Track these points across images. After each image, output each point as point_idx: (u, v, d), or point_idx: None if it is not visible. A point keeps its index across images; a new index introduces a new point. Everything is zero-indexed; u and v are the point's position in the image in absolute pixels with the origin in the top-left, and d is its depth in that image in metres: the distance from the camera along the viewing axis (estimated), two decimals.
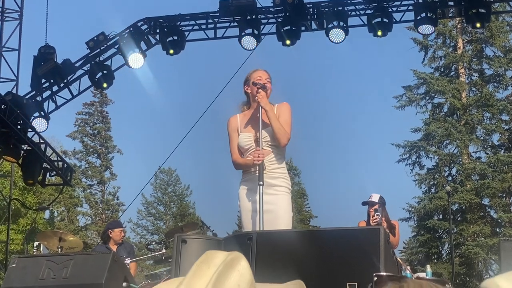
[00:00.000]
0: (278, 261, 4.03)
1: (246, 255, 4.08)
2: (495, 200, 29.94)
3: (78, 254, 5.76)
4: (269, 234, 4.52)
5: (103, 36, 12.86)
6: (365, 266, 3.88)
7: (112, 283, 4.89)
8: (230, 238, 4.82)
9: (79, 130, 44.63)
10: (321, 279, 3.91)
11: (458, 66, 32.79)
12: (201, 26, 13.11)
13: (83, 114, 44.68)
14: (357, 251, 3.98)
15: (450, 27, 32.66)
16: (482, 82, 32.31)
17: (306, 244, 4.11)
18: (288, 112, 5.89)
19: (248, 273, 1.56)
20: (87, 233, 42.16)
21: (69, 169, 14.64)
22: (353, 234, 4.21)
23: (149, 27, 13.06)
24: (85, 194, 44.10)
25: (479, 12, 12.16)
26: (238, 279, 1.53)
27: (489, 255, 28.48)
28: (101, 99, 44.45)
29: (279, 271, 3.87)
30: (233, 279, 1.53)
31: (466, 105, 31.69)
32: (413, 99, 32.67)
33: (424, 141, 32.06)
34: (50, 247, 10.64)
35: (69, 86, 13.18)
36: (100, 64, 13.01)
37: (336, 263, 4.00)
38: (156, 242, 10.91)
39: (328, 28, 12.31)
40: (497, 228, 30.58)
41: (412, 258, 32.00)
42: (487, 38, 32.16)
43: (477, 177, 30.96)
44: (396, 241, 8.58)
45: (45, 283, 4.98)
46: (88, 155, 44.81)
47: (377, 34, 12.32)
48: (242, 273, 1.55)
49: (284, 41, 12.44)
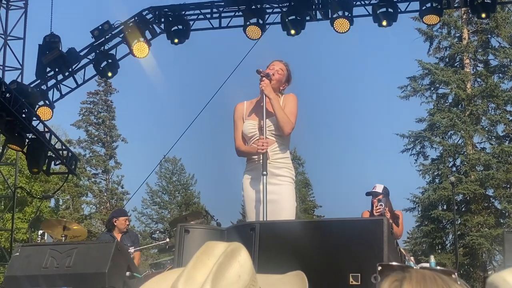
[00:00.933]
0: (281, 252, 4.03)
1: (249, 245, 4.10)
2: (499, 191, 29.91)
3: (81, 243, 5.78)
4: (272, 224, 4.52)
5: (108, 25, 12.85)
6: (368, 257, 3.88)
7: (116, 272, 4.90)
8: (233, 228, 4.82)
9: (83, 119, 44.68)
10: (324, 270, 3.92)
11: (463, 57, 32.68)
12: (206, 16, 13.09)
13: (87, 103, 44.76)
14: (360, 242, 3.98)
15: (456, 17, 32.54)
16: (487, 72, 32.21)
17: (309, 235, 4.11)
18: (294, 103, 5.88)
19: (249, 263, 1.57)
20: (91, 222, 42.27)
21: (74, 158, 14.66)
22: (356, 225, 4.21)
23: (154, 16, 13.05)
24: (89, 183, 44.18)
25: (485, 2, 12.12)
26: (239, 269, 1.54)
27: (493, 245, 28.48)
28: (105, 88, 44.47)
29: (282, 261, 3.88)
30: (233, 269, 1.53)
31: (471, 95, 31.62)
32: (417, 89, 32.61)
33: (428, 131, 32.01)
34: (55, 236, 10.67)
35: (73, 75, 13.19)
36: (105, 53, 13.01)
37: (339, 254, 4.00)
38: (160, 231, 10.90)
39: (333, 18, 12.29)
40: (501, 219, 30.58)
41: (416, 248, 32.02)
42: (493, 29, 32.03)
43: (482, 167, 30.93)
44: (399, 232, 8.58)
45: (48, 271, 4.99)
46: (93, 144, 44.90)
47: (382, 24, 12.30)
48: (243, 263, 1.55)
49: (289, 30, 12.42)
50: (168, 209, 48.08)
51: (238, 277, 1.51)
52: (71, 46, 13.01)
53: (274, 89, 5.83)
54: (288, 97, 5.93)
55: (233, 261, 1.53)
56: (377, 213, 8.20)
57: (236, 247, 1.57)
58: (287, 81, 6.07)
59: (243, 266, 1.54)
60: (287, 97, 5.93)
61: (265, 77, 5.77)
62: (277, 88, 5.93)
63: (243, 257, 1.55)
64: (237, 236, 4.24)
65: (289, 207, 5.65)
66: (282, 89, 6.03)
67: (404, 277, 1.43)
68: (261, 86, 5.73)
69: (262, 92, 5.73)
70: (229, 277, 1.50)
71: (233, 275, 1.51)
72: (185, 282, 1.50)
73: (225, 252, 1.54)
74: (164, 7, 13.06)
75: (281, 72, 5.97)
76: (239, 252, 1.56)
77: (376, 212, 8.24)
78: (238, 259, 1.54)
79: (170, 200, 48.61)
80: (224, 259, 1.52)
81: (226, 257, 1.53)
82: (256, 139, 5.75)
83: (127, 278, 5.09)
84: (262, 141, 5.61)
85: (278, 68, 5.98)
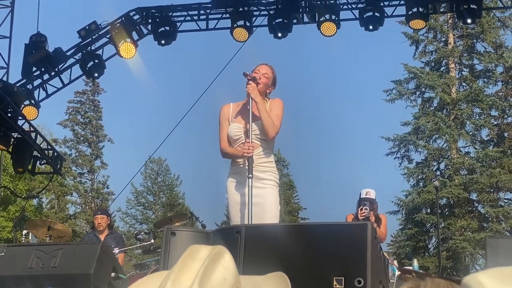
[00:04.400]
0: (266, 255, 4.06)
1: (234, 248, 4.13)
2: (483, 195, 30.11)
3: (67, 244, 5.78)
4: (257, 227, 4.55)
5: (94, 25, 12.83)
6: (352, 261, 3.92)
7: (101, 273, 4.91)
8: (219, 231, 4.86)
9: (70, 118, 44.56)
10: (308, 273, 3.95)
11: (449, 61, 32.90)
12: (193, 17, 13.10)
13: (74, 102, 44.65)
14: (344, 246, 4.01)
15: (441, 22, 32.75)
16: (472, 77, 32.44)
17: (294, 238, 4.14)
18: (280, 107, 5.88)
19: (233, 266, 1.61)
20: (76, 222, 42.12)
21: (59, 158, 14.63)
22: (341, 229, 4.25)
23: (141, 17, 13.05)
24: (75, 182, 44.05)
25: (470, 8, 12.21)
26: (223, 272, 1.58)
27: (476, 249, 28.68)
28: (93, 88, 44.38)
29: (267, 264, 3.91)
30: (219, 272, 1.57)
31: (455, 100, 31.81)
32: (403, 93, 32.78)
33: (413, 135, 32.19)
34: (39, 236, 10.66)
35: (60, 75, 13.15)
36: (92, 53, 12.99)
37: (324, 258, 4.03)
38: (145, 232, 10.92)
39: (320, 21, 12.33)
40: (485, 223, 30.78)
41: (399, 251, 32.18)
42: (478, 34, 32.27)
43: (466, 172, 31.14)
44: (383, 235, 8.65)
45: (34, 272, 5.00)
46: (79, 144, 44.79)
47: (368, 28, 12.36)
48: (227, 266, 1.59)
49: (275, 33, 12.46)
50: (153, 210, 48.00)
51: (223, 280, 1.55)
52: (58, 46, 12.98)
53: (261, 92, 5.83)
54: (274, 101, 5.93)
55: (218, 264, 1.57)
56: (361, 217, 8.28)
57: (220, 251, 1.61)
58: (273, 85, 6.08)
59: (227, 268, 1.58)
60: (273, 101, 5.94)
61: (251, 80, 5.78)
62: (264, 92, 5.93)
63: (227, 260, 1.59)
64: (223, 239, 4.27)
65: (272, 210, 5.68)
66: (269, 92, 6.04)
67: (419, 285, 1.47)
68: (248, 89, 5.74)
69: (248, 95, 5.75)
70: (214, 280, 1.54)
71: (219, 278, 1.54)
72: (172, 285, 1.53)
73: (210, 255, 1.58)
74: (151, 8, 13.06)
75: (267, 75, 5.97)
76: (223, 255, 1.60)
77: (361, 216, 8.31)
78: (222, 262, 1.58)
79: (155, 200, 48.54)
80: (209, 262, 1.56)
81: (211, 261, 1.56)
82: (241, 142, 5.77)
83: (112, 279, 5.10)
84: (248, 144, 5.63)
85: (264, 71, 5.98)
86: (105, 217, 10.24)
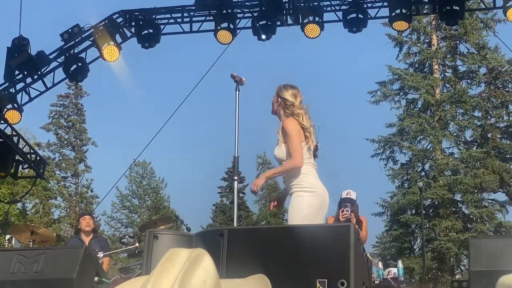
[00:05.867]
0: (249, 257, 4.05)
1: (217, 251, 4.11)
2: (467, 195, 30.22)
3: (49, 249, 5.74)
4: (240, 230, 4.55)
5: (77, 28, 12.76)
6: (335, 262, 3.92)
7: (84, 277, 4.88)
8: (202, 234, 4.84)
9: (53, 122, 44.36)
10: (291, 276, 3.95)
11: (432, 62, 33.02)
12: (176, 20, 13.06)
13: (57, 106, 44.45)
14: (327, 247, 4.02)
15: (425, 23, 32.88)
16: (456, 78, 32.59)
17: (277, 241, 4.14)
18: (287, 130, 5.83)
19: (213, 268, 1.59)
20: (60, 226, 41.91)
21: (42, 162, 14.54)
22: (324, 231, 4.26)
23: (125, 20, 12.99)
24: (59, 186, 43.83)
25: (453, 9, 12.26)
26: (203, 275, 1.56)
27: (461, 250, 28.79)
28: (76, 91, 44.21)
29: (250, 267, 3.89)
30: (198, 275, 1.56)
31: (439, 101, 31.95)
32: (387, 94, 32.87)
33: (398, 136, 32.28)
34: (22, 241, 10.59)
35: (43, 78, 13.06)
36: (75, 56, 12.91)
37: (307, 260, 4.03)
38: (129, 236, 10.89)
39: (303, 23, 12.34)
40: (469, 224, 30.91)
41: (385, 252, 32.28)
42: (461, 35, 32.42)
43: (450, 172, 31.26)
44: (364, 237, 8.65)
45: (16, 277, 4.95)
46: (62, 147, 44.57)
47: (352, 29, 12.39)
48: (207, 269, 1.58)
49: (259, 35, 12.45)
50: (138, 213, 47.87)
51: (203, 282, 1.54)
52: (40, 49, 12.90)
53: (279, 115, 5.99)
54: (283, 123, 5.91)
55: (198, 267, 1.55)
56: (343, 219, 8.26)
57: (200, 253, 1.59)
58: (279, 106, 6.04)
59: (207, 271, 1.56)
60: (283, 123, 5.91)
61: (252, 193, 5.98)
62: (278, 113, 6.02)
63: (207, 263, 1.58)
64: (206, 242, 4.25)
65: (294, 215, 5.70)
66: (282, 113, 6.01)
67: None
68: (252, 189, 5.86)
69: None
70: (194, 283, 1.52)
71: (199, 281, 1.53)
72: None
73: (189, 258, 1.56)
74: (134, 11, 13.01)
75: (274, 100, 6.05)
76: (203, 257, 1.59)
77: (342, 218, 8.30)
78: (202, 264, 1.57)
79: (140, 204, 48.42)
80: (189, 265, 1.54)
81: (191, 264, 1.55)
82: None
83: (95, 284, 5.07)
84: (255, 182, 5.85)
85: (273, 100, 6.06)
86: (92, 218, 10.30)
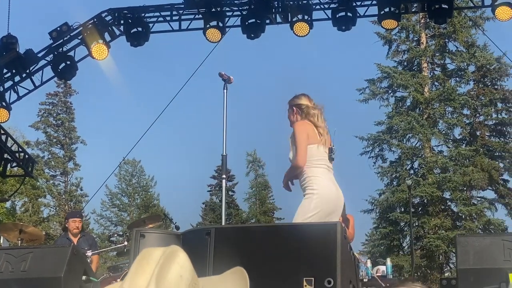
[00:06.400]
0: (236, 256, 4.05)
1: (204, 250, 4.12)
2: (456, 193, 30.33)
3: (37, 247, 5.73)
4: (227, 229, 4.55)
5: (66, 26, 12.73)
6: (322, 261, 3.93)
7: (71, 276, 4.88)
8: (189, 233, 4.84)
9: (42, 120, 44.20)
10: (278, 274, 3.96)
11: (421, 61, 33.12)
12: (165, 18, 13.05)
13: (46, 104, 44.29)
14: (314, 246, 4.03)
15: (414, 21, 32.96)
16: (445, 76, 32.70)
17: (264, 239, 4.15)
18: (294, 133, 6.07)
19: (188, 264, 1.61)
20: (49, 224, 41.79)
21: (31, 160, 14.51)
22: (311, 229, 4.26)
23: (113, 18, 12.97)
24: (48, 185, 43.70)
25: (442, 8, 12.31)
26: (179, 270, 1.58)
27: (450, 247, 28.87)
28: (65, 90, 44.06)
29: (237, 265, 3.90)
30: (174, 270, 1.57)
31: (428, 99, 32.04)
32: (376, 92, 32.94)
33: (387, 134, 32.35)
34: (11, 239, 10.54)
35: (31, 77, 13.01)
36: (63, 54, 12.86)
37: (294, 258, 4.04)
38: (118, 234, 10.85)
39: (292, 21, 12.35)
40: (458, 221, 31.02)
41: (374, 250, 32.33)
42: (450, 33, 32.52)
43: (439, 170, 31.35)
44: (351, 235, 8.66)
45: (3, 276, 4.95)
46: (51, 146, 44.43)
47: (341, 28, 12.40)
48: (182, 264, 1.59)
49: (248, 34, 12.45)
50: (128, 212, 47.78)
51: (180, 277, 1.55)
52: (29, 47, 12.86)
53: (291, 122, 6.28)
54: (293, 127, 6.17)
55: (173, 262, 1.57)
56: None
57: (174, 250, 1.61)
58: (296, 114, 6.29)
59: (183, 266, 1.58)
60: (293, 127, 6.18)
61: None
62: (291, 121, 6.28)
63: (182, 258, 1.60)
64: (193, 241, 4.26)
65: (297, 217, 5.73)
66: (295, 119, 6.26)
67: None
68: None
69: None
70: (171, 278, 1.54)
71: (175, 276, 1.55)
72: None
73: (164, 255, 1.58)
74: (123, 9, 12.98)
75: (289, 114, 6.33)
76: (178, 253, 1.60)
77: None
78: (177, 260, 1.58)
79: (129, 202, 48.33)
80: (164, 261, 1.56)
81: (166, 259, 1.57)
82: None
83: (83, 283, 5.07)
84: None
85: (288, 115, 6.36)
86: (81, 220, 10.30)
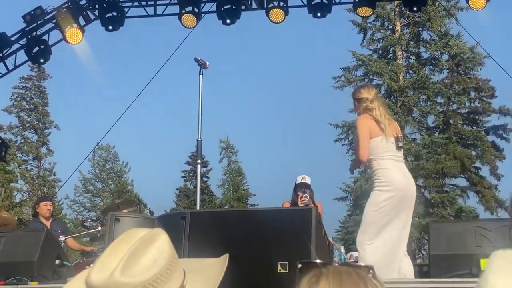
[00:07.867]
0: (211, 240, 4.07)
1: (179, 234, 4.13)
2: (429, 181, 30.59)
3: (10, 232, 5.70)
4: (202, 213, 4.56)
5: (40, 10, 12.60)
6: (296, 245, 3.96)
7: (45, 260, 4.87)
8: (164, 216, 4.85)
9: (15, 104, 43.78)
10: (253, 258, 3.98)
11: (396, 49, 33.25)
12: (141, 3, 12.97)
13: (19, 88, 43.85)
14: (289, 231, 4.05)
15: (389, 10, 33.05)
16: (419, 65, 32.88)
17: (239, 224, 4.17)
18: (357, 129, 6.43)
19: (168, 248, 1.59)
20: (22, 209, 41.48)
21: (4, 145, 14.40)
22: (286, 214, 4.29)
23: (88, 2, 12.86)
24: (20, 169, 43.35)
25: None
26: (156, 255, 1.56)
27: (422, 234, 29.12)
28: (38, 74, 43.64)
29: (212, 249, 3.92)
30: (150, 255, 1.56)
31: (403, 87, 32.20)
32: (351, 80, 33.04)
33: None
34: None
35: (4, 60, 12.89)
36: (37, 38, 12.75)
37: (269, 242, 4.06)
38: (92, 220, 10.82)
39: (268, 8, 12.33)
40: (430, 209, 31.28)
41: (347, 237, 32.53)
42: (424, 22, 32.68)
43: (412, 158, 31.55)
44: None
45: None
46: (24, 130, 44.05)
47: (316, 15, 12.41)
48: (161, 249, 1.58)
49: (224, 19, 12.42)
50: (101, 197, 47.54)
51: (154, 262, 1.54)
52: (2, 31, 12.72)
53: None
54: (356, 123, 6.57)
55: (151, 246, 1.56)
56: (302, 204, 8.31)
57: (156, 233, 1.60)
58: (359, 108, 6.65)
59: (161, 251, 1.56)
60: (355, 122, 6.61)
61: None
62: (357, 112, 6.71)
63: (161, 242, 1.58)
64: (168, 225, 4.27)
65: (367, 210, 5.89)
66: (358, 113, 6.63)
67: (321, 273, 1.47)
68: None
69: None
70: (143, 262, 1.53)
71: (149, 260, 1.53)
72: (98, 269, 1.53)
73: (142, 238, 1.57)
74: None
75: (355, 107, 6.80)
76: (158, 237, 1.59)
77: (301, 203, 8.34)
78: (156, 244, 1.57)
79: (103, 187, 48.08)
80: (139, 244, 1.55)
81: (143, 243, 1.55)
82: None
83: (56, 267, 5.07)
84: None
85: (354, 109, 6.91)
86: (52, 203, 10.25)
